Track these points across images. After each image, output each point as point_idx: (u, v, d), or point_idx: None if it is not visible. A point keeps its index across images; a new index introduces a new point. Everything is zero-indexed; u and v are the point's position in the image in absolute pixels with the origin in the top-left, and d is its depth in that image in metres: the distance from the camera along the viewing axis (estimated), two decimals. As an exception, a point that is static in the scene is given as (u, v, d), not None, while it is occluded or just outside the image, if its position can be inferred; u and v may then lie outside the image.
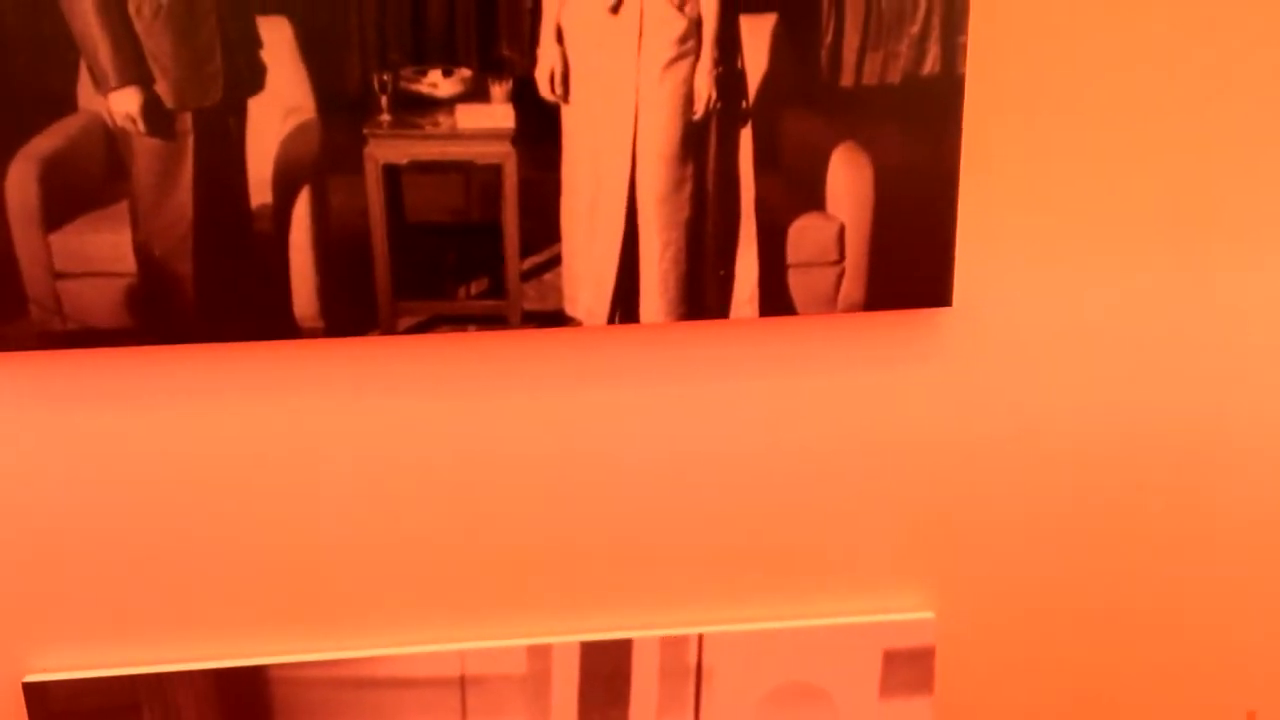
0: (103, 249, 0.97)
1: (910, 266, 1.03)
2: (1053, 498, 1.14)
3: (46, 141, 0.94)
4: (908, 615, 1.17)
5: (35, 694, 1.10)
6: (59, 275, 0.98)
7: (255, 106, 0.94)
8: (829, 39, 0.96)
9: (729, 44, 0.95)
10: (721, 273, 1.01)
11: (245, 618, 1.11)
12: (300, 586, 1.11)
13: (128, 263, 0.98)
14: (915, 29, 0.96)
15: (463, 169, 0.98)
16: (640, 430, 1.08)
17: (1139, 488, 1.15)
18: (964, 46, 0.97)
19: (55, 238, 0.96)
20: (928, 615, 1.17)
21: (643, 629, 1.15)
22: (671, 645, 1.15)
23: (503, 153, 0.97)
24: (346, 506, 1.08)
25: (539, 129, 0.97)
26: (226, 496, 1.06)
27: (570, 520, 1.11)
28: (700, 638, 1.15)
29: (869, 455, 1.11)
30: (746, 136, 0.98)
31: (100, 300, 0.99)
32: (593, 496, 1.10)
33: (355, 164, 0.97)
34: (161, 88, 0.93)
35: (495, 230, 1.00)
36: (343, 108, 0.95)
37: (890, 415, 1.10)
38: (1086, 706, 1.22)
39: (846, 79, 0.97)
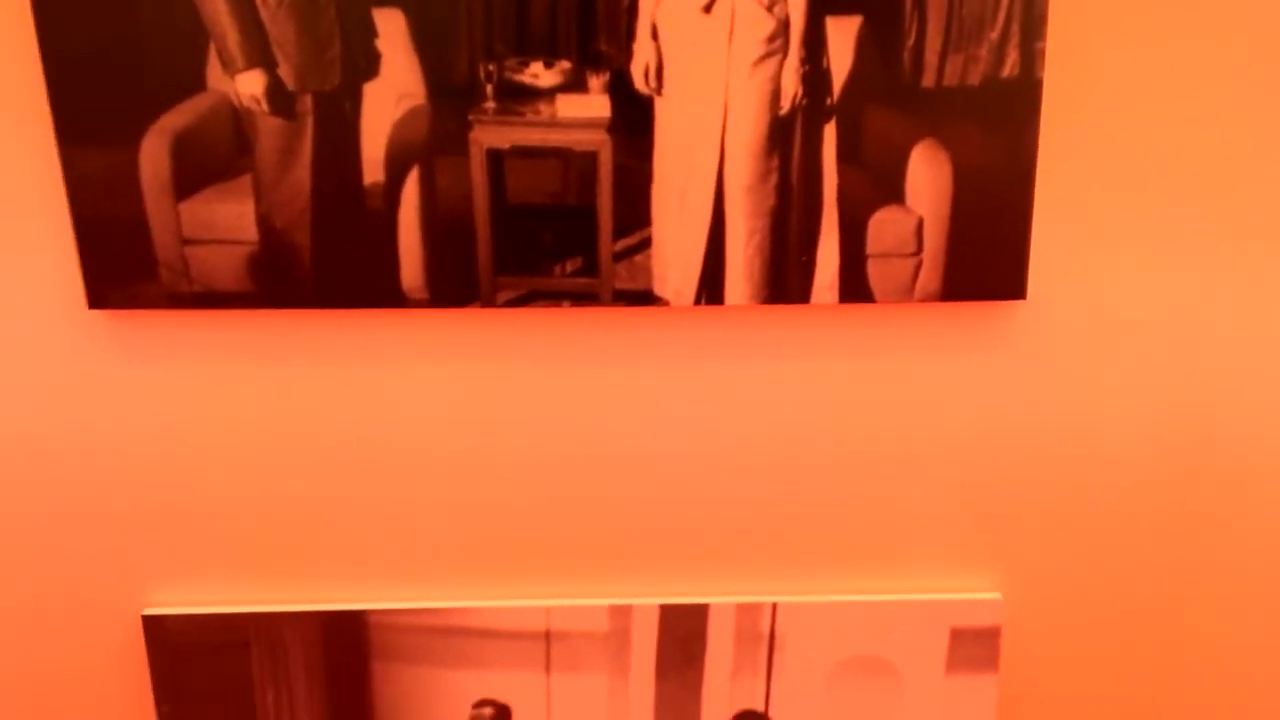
0: (228, 218, 1.04)
1: (986, 260, 1.06)
2: (1120, 488, 1.16)
3: (177, 118, 1.01)
4: (976, 595, 1.20)
5: (153, 626, 1.19)
6: (187, 241, 1.05)
7: (370, 91, 1.00)
8: (911, 41, 0.99)
9: (815, 44, 0.99)
10: (804, 259, 1.05)
11: (350, 566, 1.18)
12: (401, 539, 1.17)
13: (250, 232, 1.04)
14: (994, 34, 0.98)
15: (561, 155, 1.03)
16: (722, 407, 1.12)
17: (1207, 481, 1.17)
18: (1042, 52, 1.00)
19: (184, 206, 1.03)
20: (995, 596, 1.20)
21: (719, 596, 1.20)
22: (746, 612, 1.20)
23: (599, 140, 1.02)
24: (445, 466, 1.14)
25: (633, 119, 1.02)
26: (334, 452, 1.13)
27: (653, 489, 1.16)
28: (774, 606, 1.20)
29: (942, 440, 1.14)
30: (830, 132, 1.02)
31: (224, 265, 1.05)
32: (676, 467, 1.15)
33: (461, 147, 1.02)
34: (284, 71, 0.99)
35: (590, 213, 1.04)
36: (450, 95, 1.00)
37: (963, 402, 1.13)
38: (1147, 693, 1.24)
39: (928, 80, 1.00)
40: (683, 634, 1.20)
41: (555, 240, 1.05)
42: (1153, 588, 1.21)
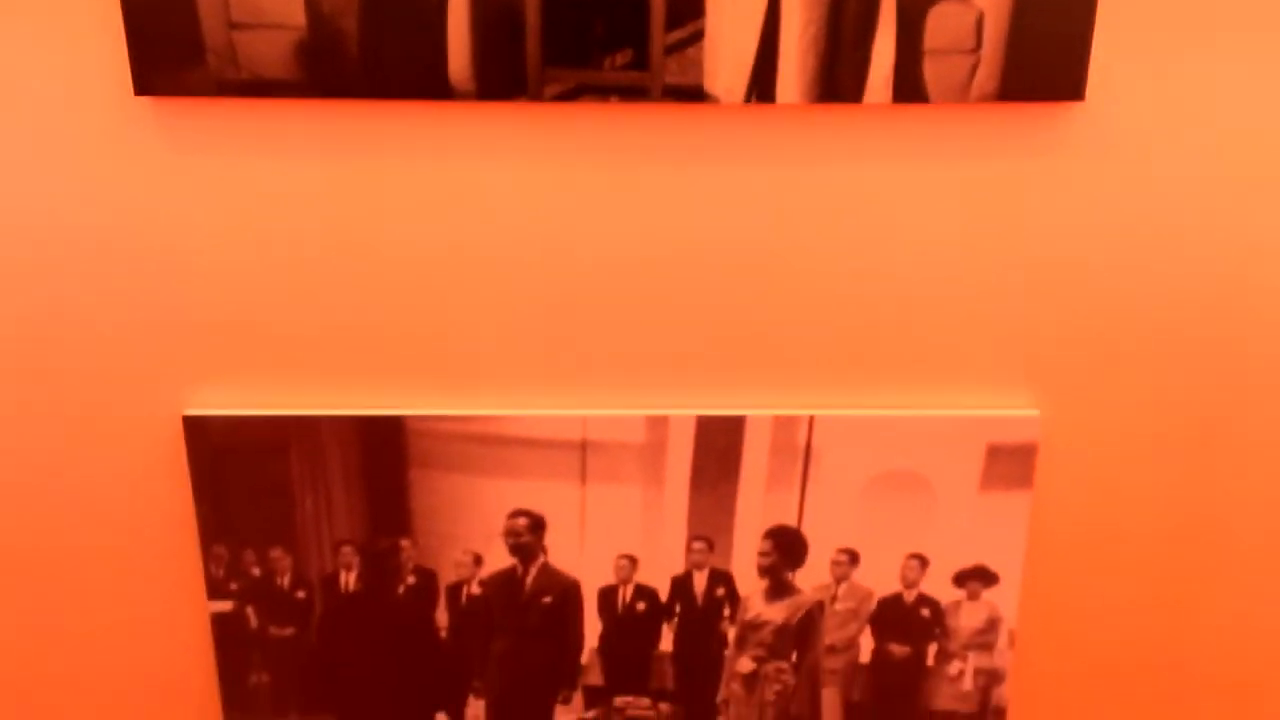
0: (276, 2, 1.01)
1: (1045, 59, 1.04)
2: (1168, 306, 1.15)
3: (228, -107, 0.98)
4: (1013, 411, 1.19)
5: (194, 427, 1.18)
6: (235, 26, 1.02)
7: None
8: None
9: None
10: (857, 55, 1.03)
11: (390, 372, 1.17)
12: (440, 345, 1.16)
13: (298, 17, 1.02)
14: None
15: (616, -61, 1.00)
16: (767, 211, 1.11)
17: (1259, 296, 1.15)
18: None
19: (233, -12, 1.01)
20: (1033, 413, 1.19)
21: (756, 408, 1.19)
22: (783, 425, 1.19)
23: (655, -76, 0.99)
24: (485, 268, 1.13)
25: (692, -99, 0.99)
26: (375, 250, 1.12)
27: (694, 296, 1.15)
28: (811, 420, 1.19)
29: (989, 249, 1.13)
30: (892, -83, 0.99)
31: (271, 52, 1.03)
32: (717, 274, 1.14)
33: (515, -71, 0.99)
34: None
35: (643, 2, 1.02)
36: None
37: (1013, 209, 1.11)
38: (1181, 515, 1.24)
39: None
40: (719, 446, 1.20)
41: (606, 31, 1.03)
42: (1194, 412, 1.20)
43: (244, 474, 1.20)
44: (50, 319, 1.13)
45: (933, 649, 1.28)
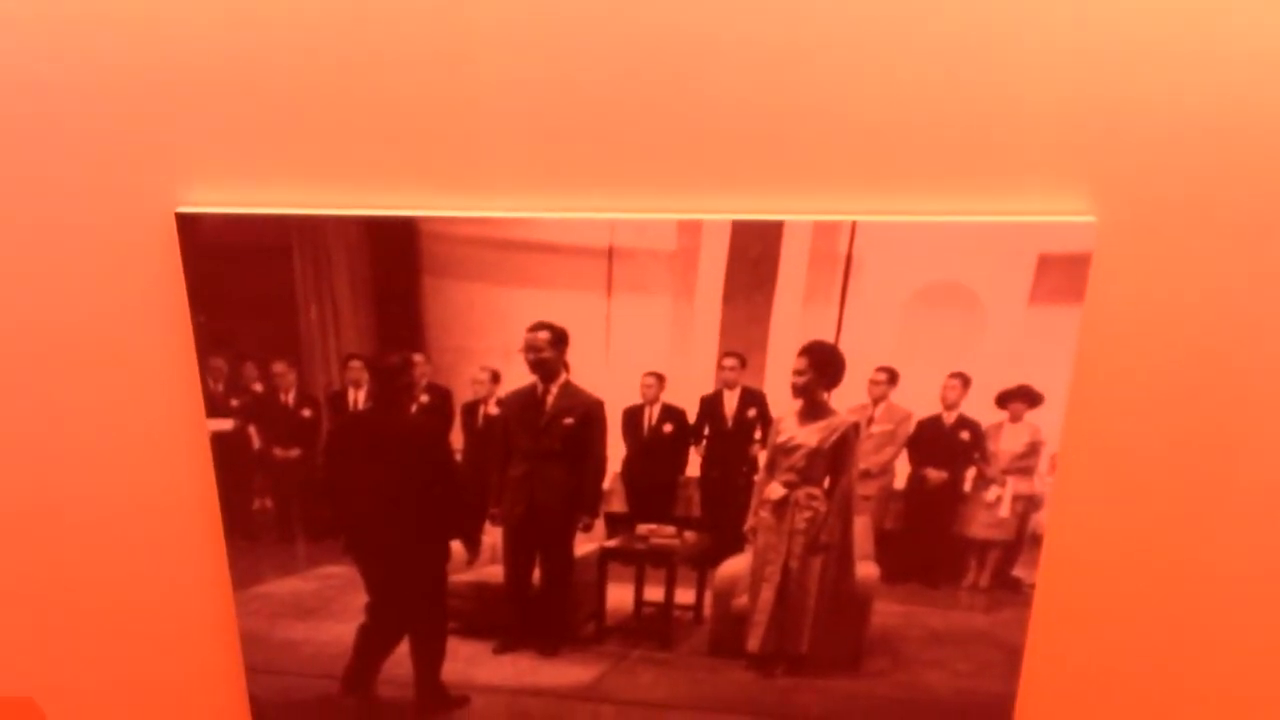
0: None
1: None
2: (1244, 103, 1.03)
3: None
4: (1067, 217, 1.08)
5: (187, 225, 1.05)
6: None
7: None
8: None
9: None
10: None
11: (399, 168, 1.05)
12: (455, 139, 1.04)
13: None
14: None
15: None
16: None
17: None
18: None
19: None
20: (1089, 219, 1.08)
21: (795, 213, 1.07)
22: (823, 231, 1.08)
23: None
24: (504, 52, 1.00)
25: None
26: (382, 30, 0.99)
27: (730, 88, 1.03)
28: (853, 225, 1.08)
29: (1043, 35, 1.00)
30: None
31: None
32: (752, 63, 1.02)
33: None
34: None
35: None
36: None
37: (1084, -15, 0.98)
38: (1244, 337, 1.13)
39: None
40: (755, 254, 1.08)
41: None
42: (1268, 224, 1.08)
43: (243, 279, 1.08)
44: (28, 103, 0.99)
45: (970, 474, 1.18)
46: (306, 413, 1.12)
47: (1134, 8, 1.00)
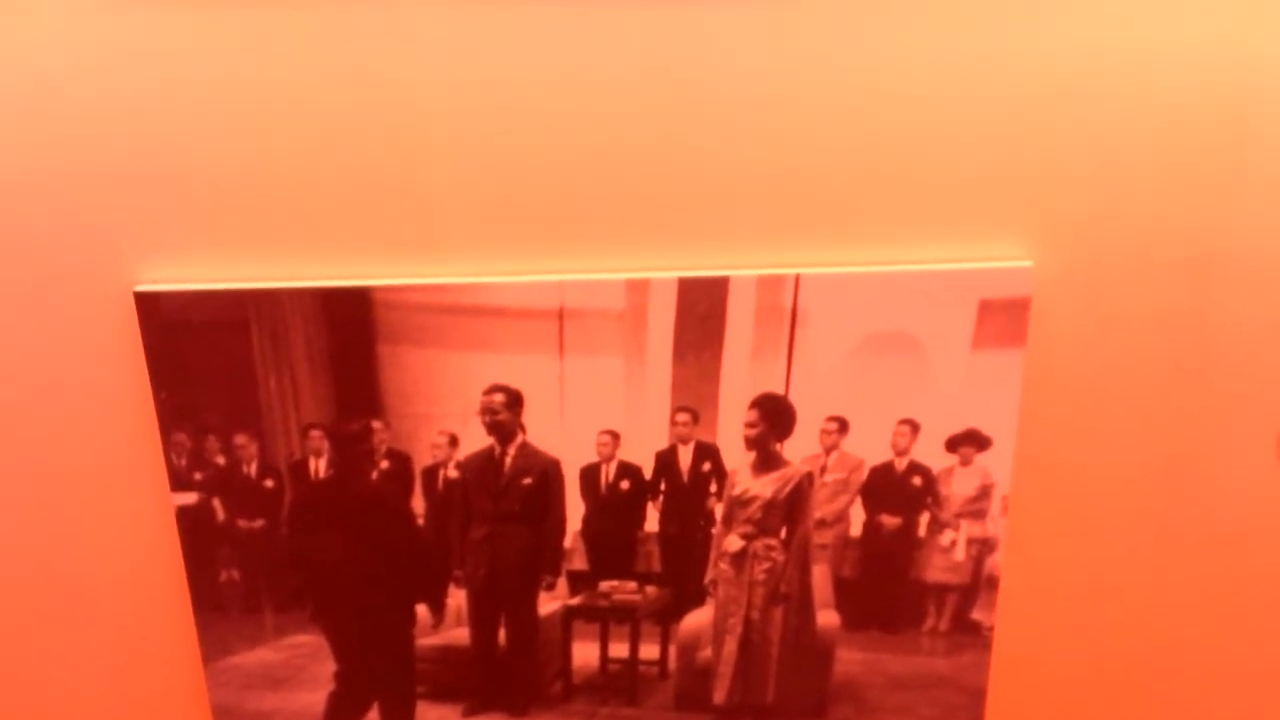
0: None
1: None
2: (1170, 143, 1.03)
3: None
4: (1005, 263, 1.07)
5: (146, 303, 1.04)
6: None
7: None
8: None
9: None
10: None
11: (352, 239, 1.04)
12: (406, 208, 1.03)
13: None
14: None
15: None
16: (744, 53, 0.98)
17: (1266, 130, 1.03)
18: None
19: None
20: (1026, 264, 1.07)
21: (740, 268, 1.06)
22: (768, 285, 1.07)
23: None
24: (452, 122, 1.00)
25: None
26: (331, 104, 0.98)
27: (672, 148, 1.02)
28: (797, 279, 1.07)
29: (978, 84, 1.00)
30: None
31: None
32: (694, 122, 1.01)
33: None
34: None
35: None
36: None
37: (1002, 38, 0.98)
38: (1184, 366, 1.12)
39: None
40: (702, 311, 1.07)
41: None
42: (1193, 254, 1.08)
43: (203, 353, 1.06)
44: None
45: (925, 519, 1.16)
46: (269, 483, 1.10)
47: (1062, 57, 1.00)
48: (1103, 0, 0.98)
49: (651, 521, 1.15)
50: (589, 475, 1.12)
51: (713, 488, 1.13)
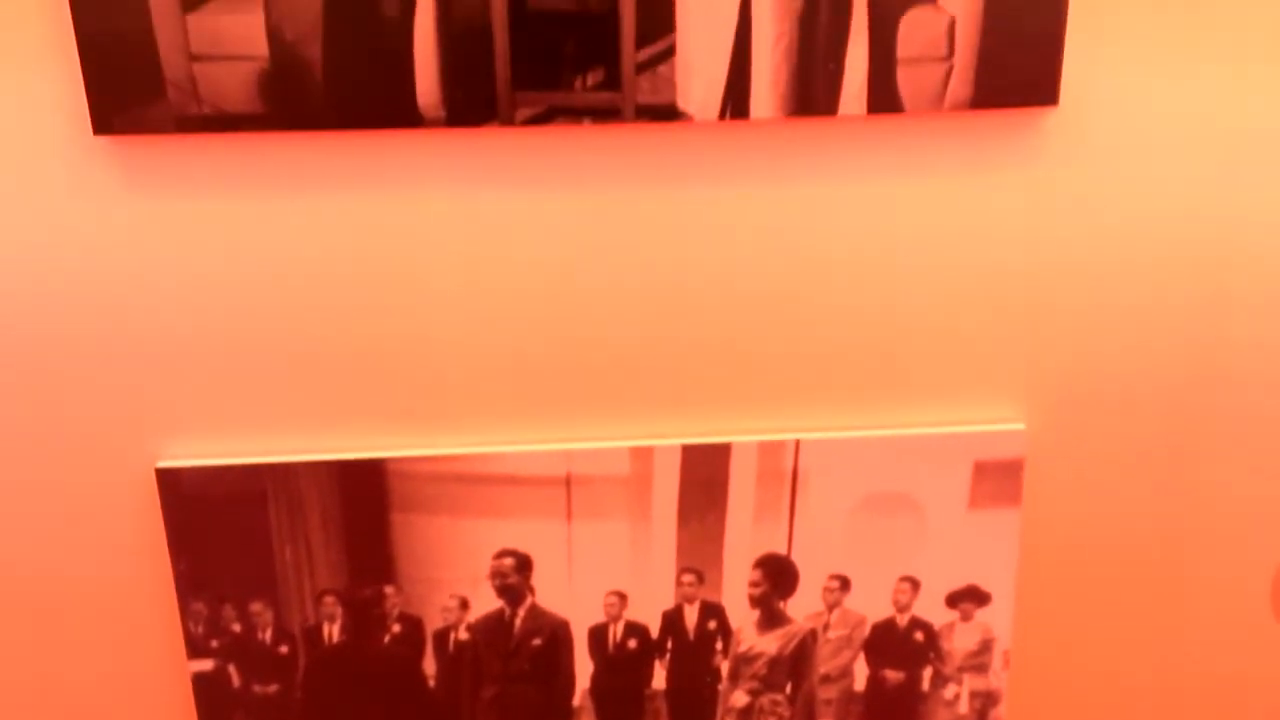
0: (237, 31, 0.92)
1: (1018, 64, 0.96)
2: (1151, 308, 1.07)
3: (184, -79, 0.89)
4: (998, 426, 1.10)
5: (167, 480, 1.07)
6: (195, 58, 0.93)
7: (384, -114, 0.88)
8: None
9: None
10: (831, 67, 0.95)
11: (366, 412, 1.07)
12: (417, 382, 1.06)
13: (260, 46, 0.93)
14: None
15: (583, -46, 0.91)
16: (745, 228, 1.02)
17: (1242, 297, 1.07)
18: None
19: (192, 19, 0.92)
20: (1018, 426, 1.10)
21: (741, 434, 1.09)
22: (769, 450, 1.09)
23: (622, -63, 0.91)
24: (461, 299, 1.03)
25: (659, -87, 0.90)
26: (348, 286, 1.02)
27: (675, 319, 1.05)
28: (797, 444, 1.09)
29: (969, 260, 1.04)
30: (862, -78, 0.91)
31: (234, 84, 0.94)
32: (697, 297, 1.05)
33: (479, -53, 0.90)
34: None
35: (613, 18, 0.93)
36: (469, -112, 0.89)
37: (992, 218, 1.03)
38: (1175, 520, 1.15)
39: None
40: (705, 476, 1.10)
41: (576, 50, 0.94)
42: (1178, 418, 1.11)
43: (221, 526, 1.08)
44: (12, 370, 1.01)
45: (927, 673, 1.17)
46: (284, 649, 1.12)
47: (1046, 232, 1.03)
48: (1083, 180, 1.02)
49: (659, 679, 1.16)
50: (597, 635, 1.14)
51: (718, 645, 1.15)
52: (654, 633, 1.14)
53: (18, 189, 0.96)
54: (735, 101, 0.96)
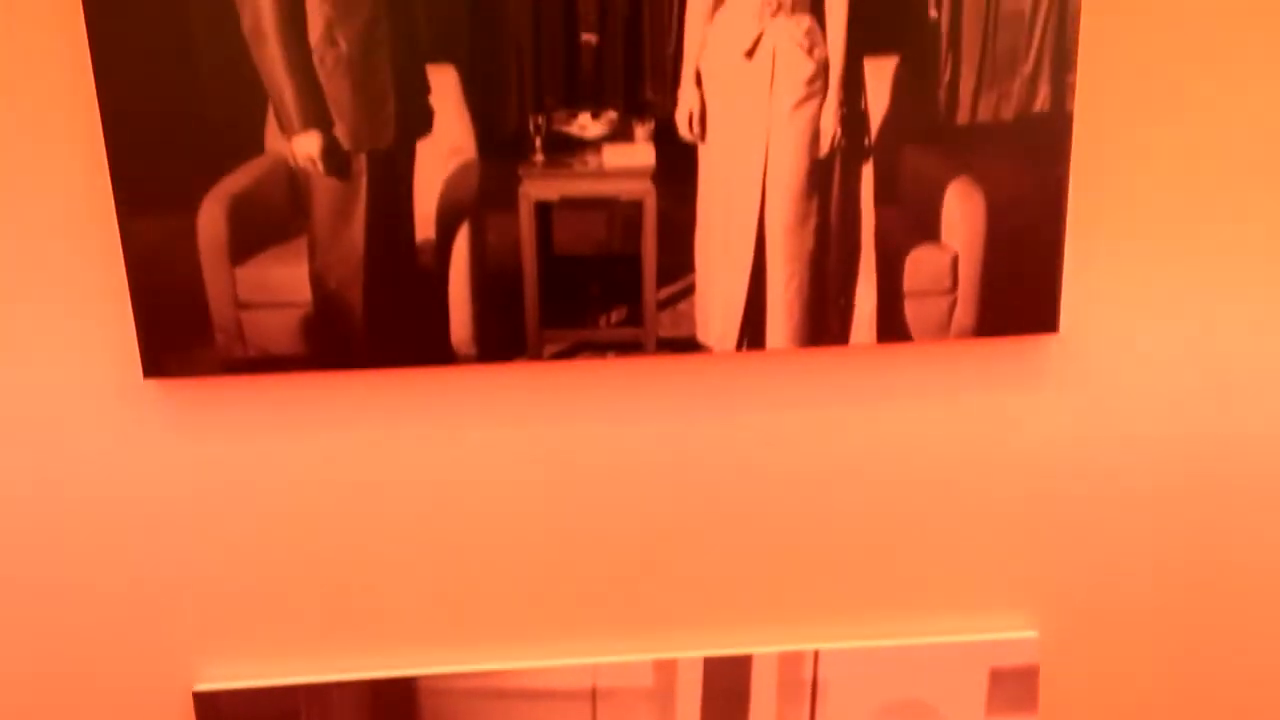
0: (282, 280, 0.97)
1: (1019, 295, 1.01)
2: (1158, 522, 1.10)
3: (235, 181, 0.95)
4: (1012, 634, 1.13)
5: (205, 702, 1.09)
6: (242, 305, 0.98)
7: (423, 148, 0.95)
8: (946, 79, 0.95)
9: (854, 85, 0.95)
10: (841, 302, 1.00)
11: (397, 632, 1.09)
12: (449, 602, 1.09)
13: (304, 293, 0.98)
14: (1027, 69, 0.95)
15: (607, 205, 0.97)
16: (764, 451, 1.06)
17: (1248, 514, 1.11)
18: (1073, 85, 0.96)
19: (241, 271, 0.97)
20: (1031, 635, 1.12)
21: (762, 645, 1.12)
22: (789, 661, 1.12)
23: (644, 189, 0.97)
24: (492, 525, 1.07)
25: (677, 166, 0.97)
26: (383, 514, 1.05)
27: (697, 537, 1.09)
28: (816, 654, 1.12)
29: (978, 477, 1.08)
30: (868, 172, 0.97)
31: (278, 328, 0.99)
32: (716, 516, 1.08)
33: (510, 201, 0.97)
34: (340, 131, 0.94)
35: (635, 261, 0.99)
36: (500, 148, 0.95)
37: (997, 439, 1.07)
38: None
39: (962, 117, 0.96)
40: (727, 686, 1.12)
41: (601, 291, 0.99)
42: (1192, 623, 1.14)
43: (255, 746, 1.10)
44: (61, 598, 1.04)
45: None
46: None
47: (1055, 447, 1.08)
48: (1084, 401, 1.07)
49: None
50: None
51: None
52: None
53: (72, 427, 1.01)
54: (752, 333, 1.01)
